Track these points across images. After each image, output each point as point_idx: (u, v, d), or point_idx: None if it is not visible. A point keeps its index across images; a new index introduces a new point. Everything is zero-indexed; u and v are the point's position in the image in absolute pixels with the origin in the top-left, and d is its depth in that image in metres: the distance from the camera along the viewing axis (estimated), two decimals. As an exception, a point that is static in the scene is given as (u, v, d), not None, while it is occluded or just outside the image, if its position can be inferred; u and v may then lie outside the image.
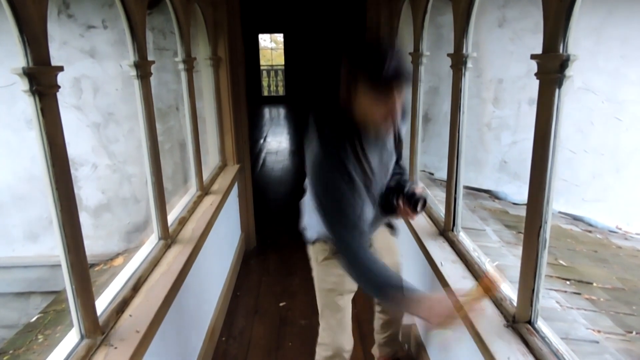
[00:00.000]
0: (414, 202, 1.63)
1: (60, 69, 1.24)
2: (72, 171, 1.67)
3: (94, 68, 3.91)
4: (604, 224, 4.14)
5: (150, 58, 2.00)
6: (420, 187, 1.71)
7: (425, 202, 1.65)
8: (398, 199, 1.66)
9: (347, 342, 1.88)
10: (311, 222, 1.81)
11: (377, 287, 1.48)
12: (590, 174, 4.30)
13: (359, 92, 1.37)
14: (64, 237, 1.31)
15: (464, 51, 1.99)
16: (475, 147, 4.25)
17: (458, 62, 2.02)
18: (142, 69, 1.94)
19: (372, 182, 1.58)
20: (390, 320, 2.13)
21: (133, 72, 1.92)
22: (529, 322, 1.51)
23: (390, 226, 1.95)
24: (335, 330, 1.85)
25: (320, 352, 1.92)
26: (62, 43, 3.83)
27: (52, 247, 1.33)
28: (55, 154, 1.25)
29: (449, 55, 2.07)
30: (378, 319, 2.17)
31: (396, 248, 2.00)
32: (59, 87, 1.24)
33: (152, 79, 2.03)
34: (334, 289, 1.82)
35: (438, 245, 2.22)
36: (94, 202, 4.18)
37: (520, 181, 4.26)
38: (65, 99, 3.87)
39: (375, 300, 2.11)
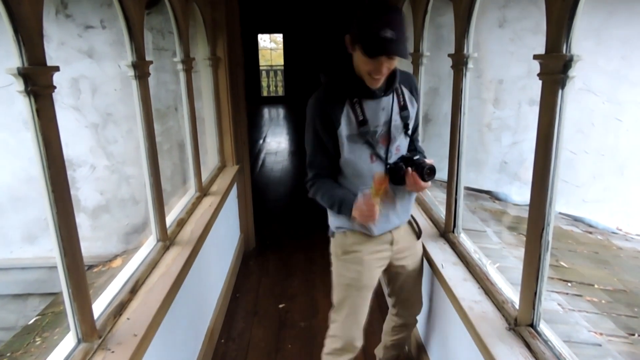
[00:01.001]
0: (422, 170, 1.63)
1: (56, 69, 1.22)
2: (70, 172, 1.66)
3: (92, 68, 3.89)
4: (604, 225, 4.13)
5: (148, 58, 1.99)
6: (431, 159, 1.70)
7: (432, 171, 1.64)
8: (407, 167, 1.67)
9: (359, 338, 1.88)
10: (330, 214, 1.85)
11: (325, 202, 1.73)
12: (591, 174, 4.29)
13: (355, 49, 1.53)
14: (60, 240, 1.29)
15: (465, 51, 1.98)
16: (476, 148, 4.24)
17: (459, 62, 2.01)
18: (140, 69, 1.92)
19: (369, 134, 1.65)
20: (404, 325, 2.11)
21: (131, 73, 1.90)
22: (531, 325, 1.49)
23: (415, 229, 1.93)
24: (349, 325, 1.85)
25: (329, 344, 1.91)
26: (60, 43, 3.81)
27: (50, 248, 1.31)
28: (51, 155, 1.23)
29: (449, 55, 2.06)
30: (390, 322, 2.14)
31: (420, 252, 1.98)
32: (55, 87, 1.23)
33: (150, 79, 2.01)
34: (351, 284, 1.82)
35: (439, 246, 2.21)
36: (92, 203, 4.16)
37: (520, 182, 4.25)
38: (63, 100, 3.85)
39: (392, 302, 2.09)
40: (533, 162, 1.37)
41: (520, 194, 4.22)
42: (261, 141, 9.49)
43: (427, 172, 1.64)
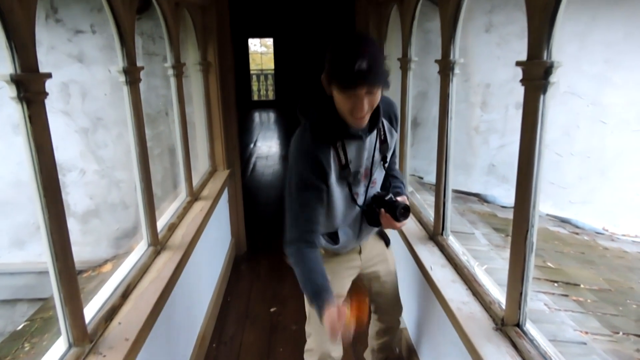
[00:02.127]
0: (394, 210, 1.62)
1: (49, 75, 1.23)
2: (60, 177, 1.66)
3: (83, 73, 3.88)
4: (590, 226, 4.20)
5: (139, 63, 1.99)
6: (403, 197, 1.70)
7: (405, 210, 1.62)
8: (380, 207, 1.66)
9: (335, 349, 1.85)
10: None
11: (300, 281, 1.59)
12: (577, 176, 4.36)
13: (332, 87, 1.42)
14: (51, 244, 1.29)
15: (451, 57, 2.01)
16: (464, 151, 4.29)
17: (445, 67, 2.05)
18: (131, 74, 1.93)
19: (351, 176, 1.60)
20: (387, 329, 2.13)
21: (122, 78, 1.91)
22: (518, 324, 1.52)
23: (383, 237, 1.95)
24: (322, 336, 1.82)
25: (307, 358, 1.90)
26: (49, 48, 3.80)
27: (39, 253, 1.32)
28: (43, 160, 1.24)
29: (436, 61, 2.09)
30: (374, 326, 2.16)
31: (390, 257, 1.99)
32: (47, 93, 1.24)
33: (141, 84, 2.02)
34: None
35: (427, 249, 2.24)
36: (82, 208, 4.14)
37: (508, 184, 4.31)
38: (53, 104, 3.84)
39: (372, 308, 2.11)
40: (517, 165, 1.41)
41: (508, 196, 4.27)
42: (252, 145, 9.49)
43: (401, 212, 1.61)
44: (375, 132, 1.61)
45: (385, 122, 1.66)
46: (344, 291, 1.86)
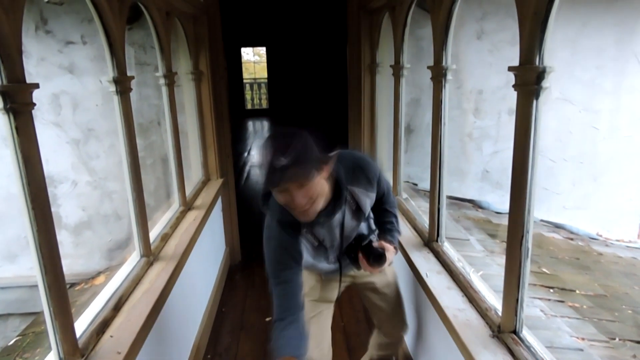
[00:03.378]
0: (368, 256, 1.60)
1: (36, 86, 1.21)
2: (52, 189, 1.64)
3: (73, 84, 3.86)
4: (585, 231, 4.20)
5: (131, 73, 1.99)
6: (380, 242, 1.67)
7: (381, 257, 1.60)
8: (357, 252, 1.65)
9: (319, 355, 1.80)
10: None
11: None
12: (570, 182, 4.38)
13: None
14: (40, 258, 1.27)
15: (444, 63, 2.02)
16: (458, 157, 4.29)
17: (438, 74, 2.05)
18: (122, 84, 1.92)
19: (328, 248, 1.63)
20: (389, 344, 2.10)
21: (112, 88, 1.90)
22: (514, 331, 1.51)
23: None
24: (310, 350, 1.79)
25: None
26: (40, 59, 3.77)
27: (31, 267, 1.29)
28: (31, 172, 1.22)
29: (429, 67, 2.10)
30: (377, 338, 2.13)
31: (389, 270, 1.94)
32: (35, 104, 1.22)
33: (132, 93, 2.01)
34: (309, 294, 1.80)
35: (423, 256, 2.23)
36: (74, 220, 4.09)
37: (502, 190, 4.31)
38: (44, 116, 3.81)
39: (374, 322, 2.08)
40: (511, 171, 1.41)
41: (502, 202, 4.28)
42: (246, 154, 9.47)
43: (374, 259, 1.60)
44: (342, 207, 1.56)
45: (355, 190, 1.59)
46: (333, 296, 1.85)
